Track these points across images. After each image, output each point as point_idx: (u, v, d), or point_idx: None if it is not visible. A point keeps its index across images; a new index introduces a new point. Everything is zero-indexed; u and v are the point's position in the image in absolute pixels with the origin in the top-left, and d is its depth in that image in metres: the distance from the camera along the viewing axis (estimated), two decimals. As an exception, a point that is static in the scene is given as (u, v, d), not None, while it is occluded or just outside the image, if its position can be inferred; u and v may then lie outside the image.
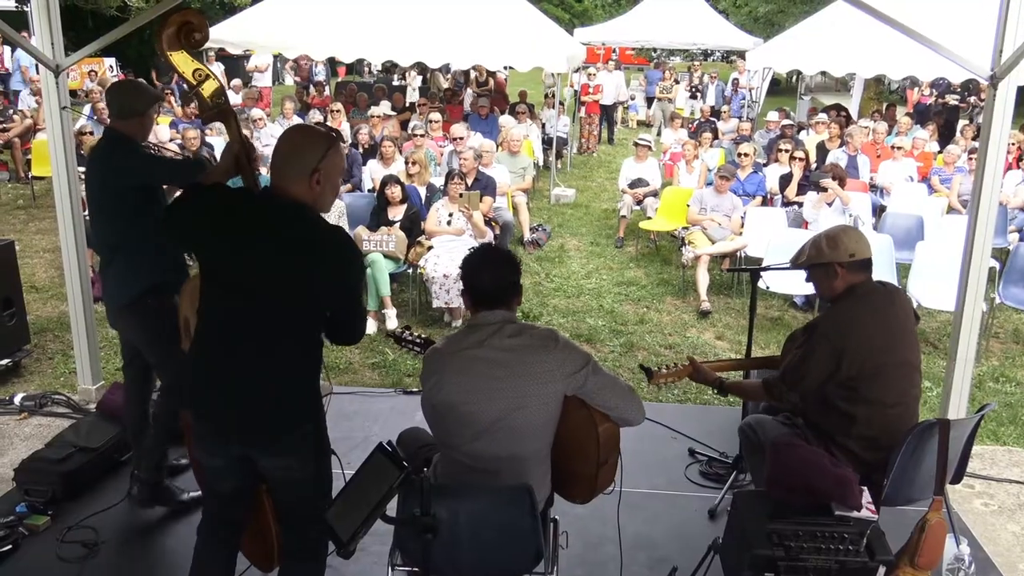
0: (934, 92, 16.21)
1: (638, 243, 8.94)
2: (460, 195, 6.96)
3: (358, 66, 20.77)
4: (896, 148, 9.46)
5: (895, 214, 7.89)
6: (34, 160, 10.53)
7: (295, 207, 2.43)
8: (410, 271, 6.74)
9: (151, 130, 3.74)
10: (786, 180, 8.49)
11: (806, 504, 2.78)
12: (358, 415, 4.90)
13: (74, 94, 12.83)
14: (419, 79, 18.06)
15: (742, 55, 17.96)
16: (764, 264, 5.93)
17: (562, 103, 13.42)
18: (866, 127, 10.47)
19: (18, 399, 4.98)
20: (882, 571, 2.64)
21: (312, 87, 16.18)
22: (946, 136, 11.79)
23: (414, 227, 6.84)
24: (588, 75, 15.82)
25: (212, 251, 2.50)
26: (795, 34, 13.43)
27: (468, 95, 15.07)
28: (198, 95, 2.79)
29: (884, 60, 11.04)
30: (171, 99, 13.32)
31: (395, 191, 6.90)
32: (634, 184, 9.39)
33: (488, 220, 7.27)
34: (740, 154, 8.59)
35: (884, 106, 14.66)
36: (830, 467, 2.85)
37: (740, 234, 7.58)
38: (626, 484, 2.89)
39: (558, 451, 2.74)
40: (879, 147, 10.00)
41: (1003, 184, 6.37)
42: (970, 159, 8.89)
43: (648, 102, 19.61)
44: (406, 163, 8.14)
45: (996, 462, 4.63)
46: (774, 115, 12.10)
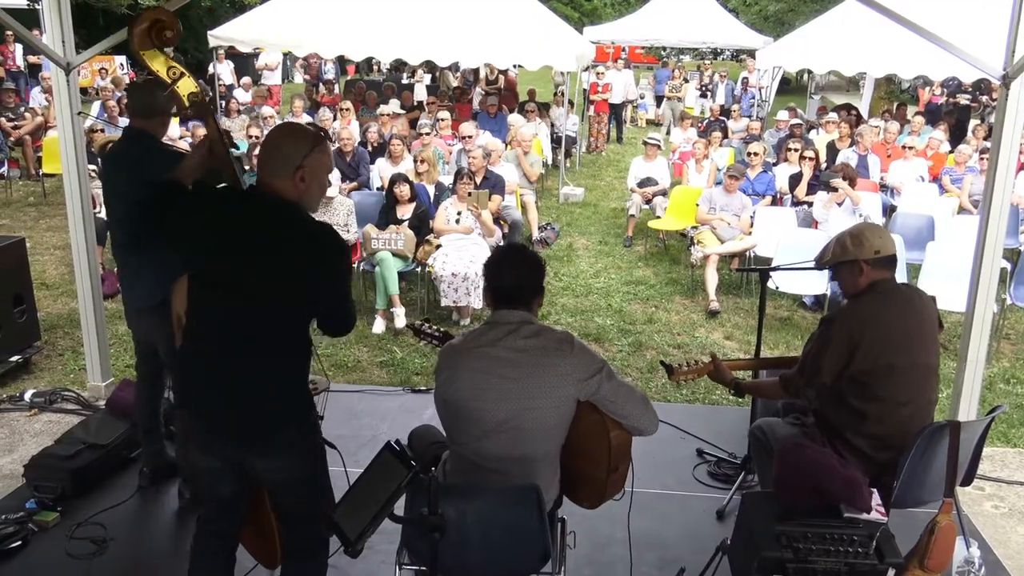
0: (945, 91, 16.13)
1: (647, 242, 8.92)
2: (469, 194, 6.96)
3: (367, 64, 20.80)
4: (907, 148, 9.41)
5: (905, 214, 7.84)
6: (45, 157, 10.60)
7: (286, 206, 2.42)
8: (419, 270, 6.74)
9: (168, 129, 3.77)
10: (796, 180, 8.46)
11: (815, 506, 2.77)
12: (366, 413, 4.90)
13: (85, 92, 12.88)
14: (428, 77, 18.09)
15: (752, 54, 17.95)
16: (773, 264, 5.90)
17: (571, 102, 13.40)
18: (877, 127, 10.41)
19: (28, 395, 5.01)
20: (891, 573, 2.63)
21: (321, 85, 16.24)
22: (957, 136, 11.72)
23: (423, 226, 6.84)
24: (597, 74, 15.81)
25: (204, 251, 2.47)
26: (805, 33, 13.41)
27: (477, 93, 15.08)
28: (174, 93, 2.77)
29: (895, 59, 11.01)
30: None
31: (404, 189, 6.90)
32: (643, 183, 9.37)
33: (497, 219, 7.27)
34: (750, 153, 8.56)
35: (895, 105, 14.60)
36: (839, 468, 2.83)
37: (749, 234, 7.55)
38: (634, 484, 2.88)
39: (568, 454, 2.73)
40: (890, 147, 9.95)
41: (1015, 184, 6.32)
42: (981, 159, 8.83)
43: (657, 101, 19.58)
44: (415, 161, 8.15)
45: (1007, 464, 4.60)
46: (784, 114, 12.04)
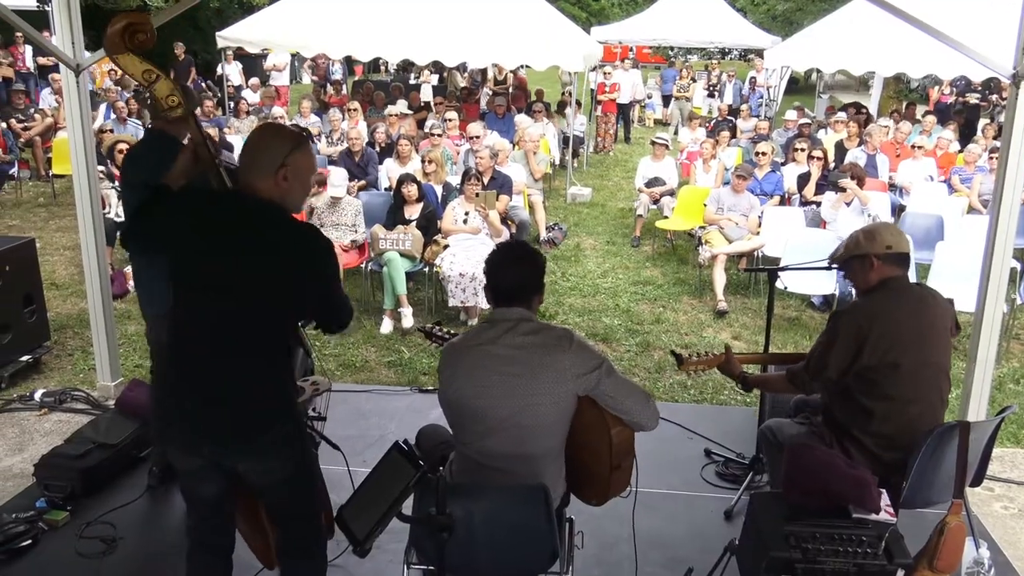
0: (954, 91, 16.06)
1: (654, 242, 8.91)
2: (476, 194, 6.96)
3: (375, 65, 20.83)
4: (916, 147, 9.37)
5: (914, 214, 7.82)
6: (54, 158, 10.66)
7: (270, 207, 2.42)
8: (426, 270, 6.75)
9: None
10: (804, 179, 8.44)
11: (824, 506, 2.76)
12: (374, 413, 4.91)
13: (95, 94, 12.93)
14: (435, 78, 18.10)
15: (760, 53, 17.87)
16: (781, 264, 5.88)
17: (579, 102, 13.38)
18: (886, 126, 10.38)
19: (38, 395, 5.03)
20: (900, 574, 2.62)
21: (329, 86, 16.24)
22: (966, 135, 11.68)
23: (430, 226, 6.85)
24: (605, 74, 15.79)
25: (188, 253, 2.46)
26: (813, 32, 13.38)
27: (485, 94, 15.08)
28: (152, 96, 2.76)
29: (904, 58, 10.97)
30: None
31: (411, 190, 6.91)
32: (651, 183, 9.36)
33: (504, 219, 7.27)
34: (758, 153, 8.55)
35: (904, 105, 14.54)
36: (847, 469, 2.82)
37: (757, 234, 7.54)
38: (642, 484, 2.88)
39: (572, 450, 2.73)
40: (899, 146, 9.91)
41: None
42: (991, 158, 8.79)
43: (665, 101, 19.55)
44: (422, 162, 8.16)
45: (1017, 465, 4.58)
46: (792, 114, 12.02)
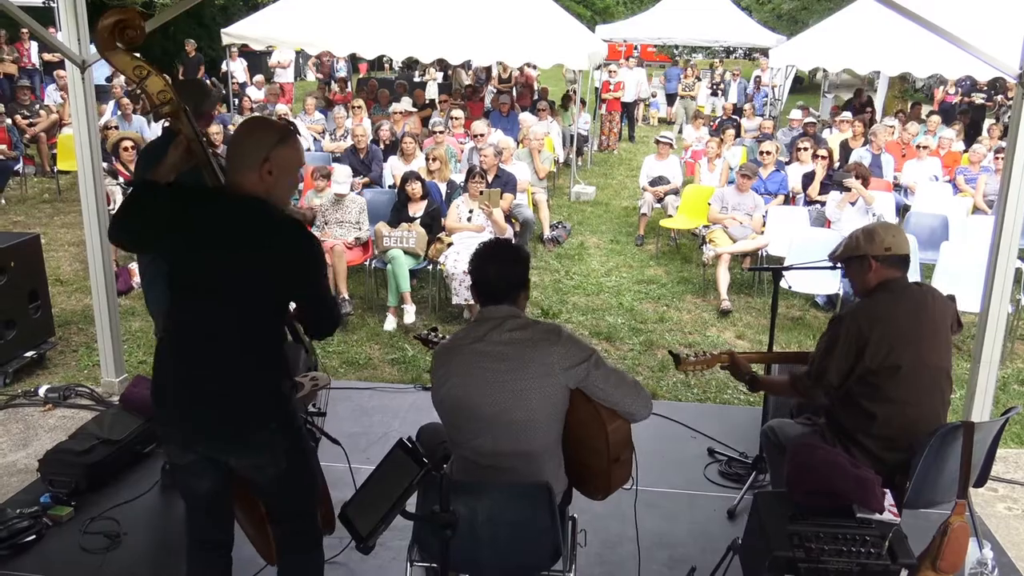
0: (959, 91, 16.03)
1: (658, 241, 8.90)
2: (480, 192, 6.96)
3: (379, 62, 20.83)
4: (921, 147, 9.35)
5: (919, 214, 7.80)
6: (59, 154, 10.67)
7: (256, 204, 2.40)
8: (430, 267, 6.75)
9: None
10: (809, 179, 8.43)
11: (827, 506, 2.76)
12: (377, 411, 4.92)
13: (106, 89, 12.93)
14: (440, 75, 18.10)
15: (765, 52, 17.88)
16: (786, 263, 5.87)
17: (583, 100, 13.38)
18: (891, 126, 10.35)
19: (43, 391, 5.04)
20: (904, 574, 2.62)
21: (334, 83, 16.27)
22: (971, 135, 11.65)
23: (434, 223, 6.85)
24: (609, 72, 15.78)
25: (176, 250, 2.45)
26: (818, 31, 13.33)
27: (489, 92, 15.07)
28: (144, 92, 2.75)
29: (909, 58, 10.93)
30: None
31: (415, 187, 6.92)
32: (655, 182, 9.35)
33: (508, 217, 7.27)
34: (762, 152, 8.53)
35: (909, 105, 14.50)
36: (851, 468, 2.82)
37: (762, 233, 7.53)
38: (645, 483, 2.88)
39: (569, 444, 2.73)
40: (904, 146, 9.89)
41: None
42: (996, 159, 8.78)
43: (669, 99, 19.53)
44: (427, 159, 8.16)
45: (1020, 466, 4.58)
46: (797, 113, 12.00)
